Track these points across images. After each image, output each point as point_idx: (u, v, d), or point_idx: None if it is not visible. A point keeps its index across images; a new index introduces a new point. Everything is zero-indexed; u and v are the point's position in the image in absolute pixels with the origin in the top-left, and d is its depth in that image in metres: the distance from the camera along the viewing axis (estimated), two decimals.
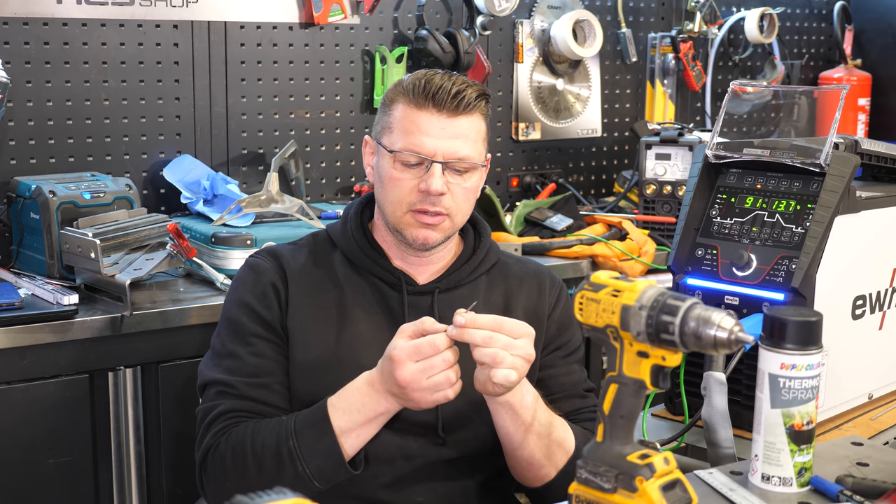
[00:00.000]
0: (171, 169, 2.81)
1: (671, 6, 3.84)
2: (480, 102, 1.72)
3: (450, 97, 1.67)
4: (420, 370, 1.49)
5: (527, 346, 1.53)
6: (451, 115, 1.69)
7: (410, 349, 1.49)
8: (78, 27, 2.70)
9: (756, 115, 3.95)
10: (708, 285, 1.80)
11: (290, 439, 1.57)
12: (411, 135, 1.69)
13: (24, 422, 2.18)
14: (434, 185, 1.67)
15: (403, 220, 1.71)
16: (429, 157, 1.68)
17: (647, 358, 1.24)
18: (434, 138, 1.68)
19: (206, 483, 1.67)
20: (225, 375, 1.69)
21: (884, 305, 1.91)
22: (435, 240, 1.72)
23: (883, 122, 4.10)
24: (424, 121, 1.68)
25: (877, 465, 1.50)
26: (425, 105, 1.68)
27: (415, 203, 1.69)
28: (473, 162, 1.71)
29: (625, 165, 3.76)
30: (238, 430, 1.63)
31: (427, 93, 1.68)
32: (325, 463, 1.56)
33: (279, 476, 1.56)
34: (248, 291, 1.74)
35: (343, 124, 3.16)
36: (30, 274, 2.43)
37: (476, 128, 1.72)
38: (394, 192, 1.71)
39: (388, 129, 1.73)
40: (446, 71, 1.74)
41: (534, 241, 2.95)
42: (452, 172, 1.70)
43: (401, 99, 1.71)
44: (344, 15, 3.08)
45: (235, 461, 1.61)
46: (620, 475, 1.24)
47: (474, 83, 1.72)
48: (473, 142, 1.71)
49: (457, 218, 1.73)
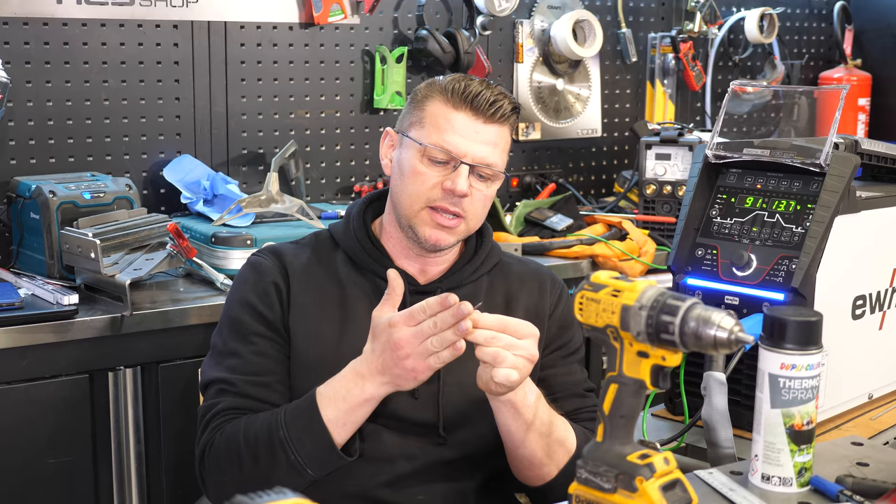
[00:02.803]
0: (171, 169, 2.81)
1: (671, 6, 3.84)
2: (513, 115, 1.74)
3: (487, 104, 1.69)
4: (413, 333, 1.50)
5: (530, 347, 1.53)
6: (486, 122, 1.70)
7: (406, 314, 1.51)
8: (78, 27, 2.70)
9: (756, 115, 3.95)
10: (708, 285, 1.80)
11: (280, 429, 1.58)
12: (444, 132, 1.69)
13: (24, 422, 2.18)
14: (459, 186, 1.68)
15: (419, 216, 1.71)
16: (459, 157, 1.69)
17: (647, 358, 1.24)
18: (466, 140, 1.69)
19: (206, 479, 1.68)
20: (226, 374, 1.69)
21: (884, 305, 1.91)
22: (447, 242, 1.73)
23: (883, 122, 4.10)
24: (459, 121, 1.69)
25: (877, 465, 1.50)
26: (462, 107, 1.70)
27: (434, 199, 1.70)
28: (498, 170, 1.73)
29: (625, 165, 3.76)
30: (231, 425, 1.64)
31: (466, 95, 1.69)
32: (316, 449, 1.57)
33: (273, 466, 1.58)
34: (250, 290, 1.74)
35: (343, 124, 3.16)
36: (30, 274, 2.43)
37: (505, 138, 1.74)
38: (414, 185, 1.71)
39: (418, 124, 1.73)
40: (484, 79, 1.75)
41: (534, 241, 2.95)
42: (476, 177, 1.71)
43: (437, 97, 1.72)
44: (344, 15, 3.08)
45: (230, 455, 1.62)
46: (620, 475, 1.24)
47: (509, 95, 1.73)
48: (501, 151, 1.73)
49: (471, 222, 1.74)
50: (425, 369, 1.51)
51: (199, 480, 1.70)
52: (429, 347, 1.50)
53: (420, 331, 1.50)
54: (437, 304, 1.49)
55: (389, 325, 1.52)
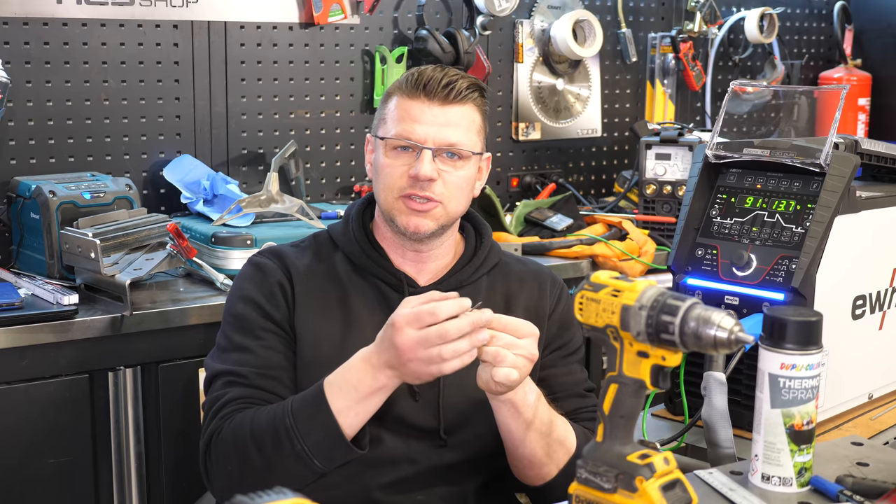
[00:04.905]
0: (171, 169, 2.81)
1: (671, 6, 3.84)
2: (472, 93, 1.74)
3: (440, 86, 1.71)
4: (417, 339, 1.47)
5: (530, 346, 1.53)
6: (443, 104, 1.71)
7: (410, 316, 1.48)
8: (78, 27, 2.70)
9: (756, 115, 3.95)
10: (708, 285, 1.80)
11: (287, 417, 1.56)
12: (403, 122, 1.72)
13: (24, 422, 2.18)
14: (423, 170, 1.68)
15: (395, 207, 1.72)
16: (419, 143, 1.70)
17: (647, 358, 1.24)
18: (425, 125, 1.71)
19: (210, 468, 1.65)
20: (234, 366, 1.68)
21: (884, 305, 1.91)
22: (427, 228, 1.72)
23: (883, 122, 4.10)
24: (416, 109, 1.71)
25: (877, 465, 1.50)
26: (417, 95, 1.72)
27: (405, 188, 1.71)
28: (464, 149, 1.72)
29: (625, 165, 3.76)
30: (242, 414, 1.62)
31: (419, 83, 1.72)
32: (324, 439, 1.54)
33: (278, 455, 1.56)
34: (254, 289, 1.73)
35: (343, 124, 3.16)
36: (30, 274, 2.43)
37: (468, 118, 1.74)
38: (385, 178, 1.73)
39: (382, 122, 1.76)
40: (442, 65, 1.76)
41: (534, 241, 2.95)
42: (444, 159, 1.72)
43: (396, 93, 1.75)
44: (344, 15, 3.08)
45: (237, 443, 1.60)
46: (620, 475, 1.24)
47: (468, 76, 1.75)
48: (466, 130, 1.73)
49: (450, 206, 1.73)
50: (427, 375, 1.50)
51: (203, 471, 1.68)
52: (433, 355, 1.47)
53: (426, 338, 1.47)
54: (450, 308, 1.47)
55: (393, 326, 1.49)
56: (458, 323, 1.47)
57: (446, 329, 1.46)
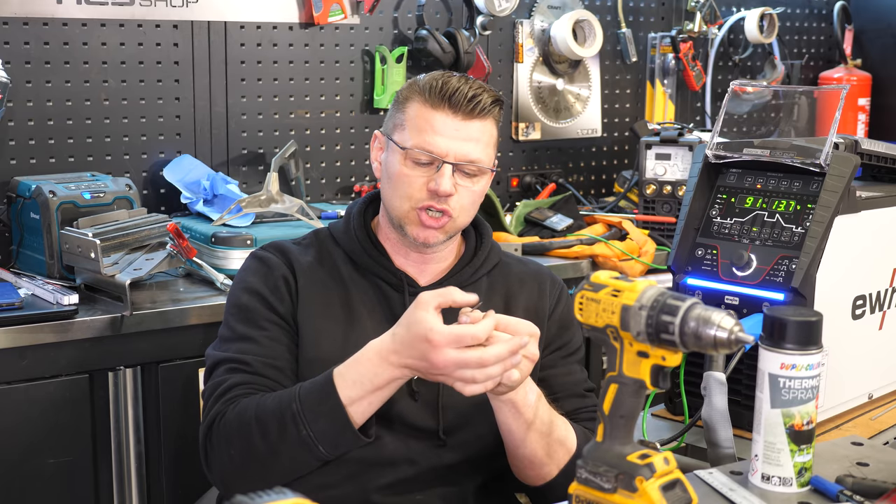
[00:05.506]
0: (171, 169, 2.81)
1: (671, 6, 3.84)
2: (495, 108, 1.72)
3: (466, 100, 1.68)
4: (455, 361, 1.46)
5: (531, 346, 1.53)
6: (466, 118, 1.69)
7: (451, 337, 1.46)
8: (78, 27, 2.70)
9: (756, 115, 3.95)
10: (708, 285, 1.80)
11: (294, 403, 1.55)
12: (424, 133, 1.69)
13: (24, 422, 2.18)
14: (443, 186, 1.67)
15: (408, 217, 1.71)
16: (440, 157, 1.68)
17: (647, 358, 1.24)
18: (447, 139, 1.68)
19: (210, 453, 1.63)
20: (238, 354, 1.67)
21: (884, 305, 1.91)
22: (437, 239, 1.72)
23: (883, 122, 4.10)
24: (439, 121, 1.69)
25: (877, 465, 1.50)
26: (441, 106, 1.69)
27: (421, 200, 1.69)
28: (483, 166, 1.72)
29: (625, 165, 3.76)
30: (246, 400, 1.61)
31: (444, 94, 1.68)
32: (330, 426, 1.53)
33: (283, 441, 1.55)
34: (259, 282, 1.73)
35: (343, 124, 3.16)
36: (30, 274, 2.43)
37: (488, 132, 1.73)
38: (401, 188, 1.71)
39: (400, 126, 1.73)
40: (463, 74, 1.74)
41: (534, 241, 2.95)
42: (462, 175, 1.70)
43: (416, 98, 1.71)
44: (344, 15, 3.08)
45: (241, 428, 1.58)
46: (620, 475, 1.24)
47: (490, 88, 1.73)
48: (485, 146, 1.72)
49: (460, 219, 1.73)
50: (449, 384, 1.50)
51: (203, 456, 1.66)
52: (466, 377, 1.47)
53: (464, 362, 1.46)
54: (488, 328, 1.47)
55: (431, 343, 1.46)
56: (497, 351, 1.47)
57: (485, 358, 1.46)
